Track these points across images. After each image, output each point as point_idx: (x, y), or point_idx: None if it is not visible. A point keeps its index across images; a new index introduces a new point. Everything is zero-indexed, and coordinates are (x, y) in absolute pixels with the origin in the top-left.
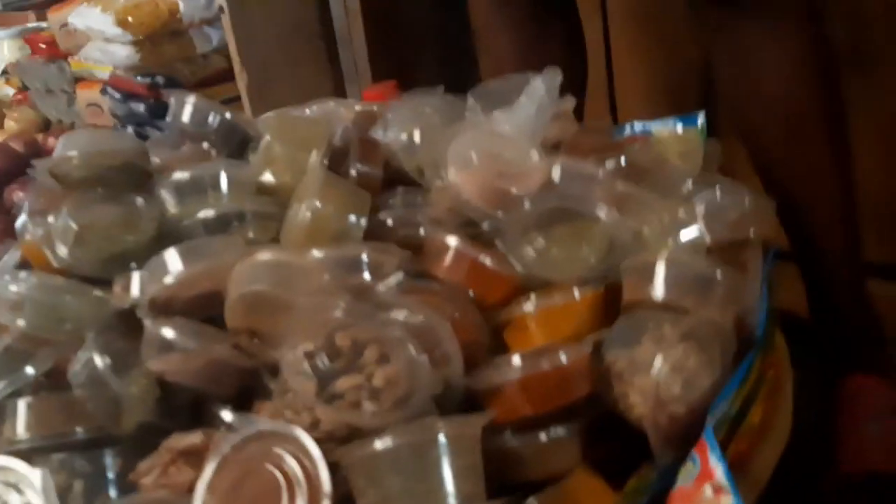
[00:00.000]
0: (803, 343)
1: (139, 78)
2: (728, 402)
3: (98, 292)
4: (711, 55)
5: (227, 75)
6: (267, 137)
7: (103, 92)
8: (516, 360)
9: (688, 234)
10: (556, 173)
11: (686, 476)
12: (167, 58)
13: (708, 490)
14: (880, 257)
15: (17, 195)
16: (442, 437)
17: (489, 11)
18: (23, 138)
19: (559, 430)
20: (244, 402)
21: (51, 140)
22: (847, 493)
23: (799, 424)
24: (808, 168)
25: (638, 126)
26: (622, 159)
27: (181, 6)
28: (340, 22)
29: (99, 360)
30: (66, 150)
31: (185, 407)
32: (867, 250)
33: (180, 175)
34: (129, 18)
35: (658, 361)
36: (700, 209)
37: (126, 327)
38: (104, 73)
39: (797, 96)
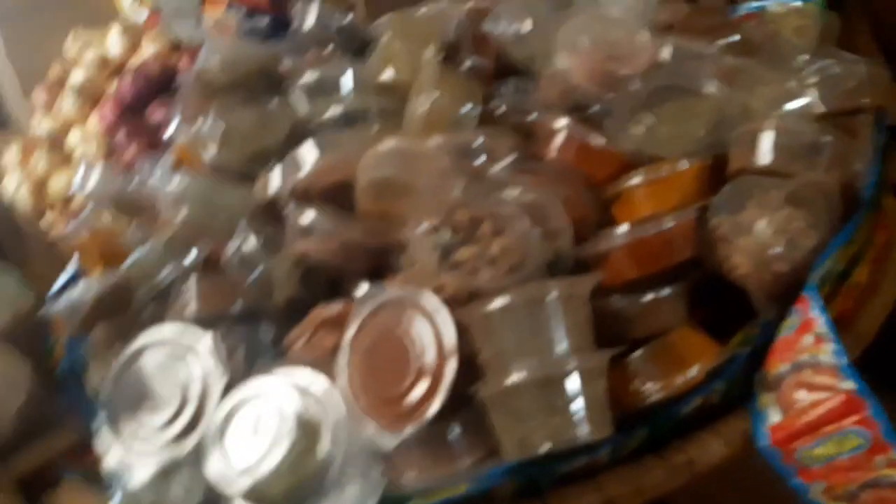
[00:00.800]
0: None
1: None
2: (832, 259)
3: (244, 188)
4: None
5: None
6: (386, 35)
7: (229, 8)
8: (623, 227)
9: (797, 103)
10: (665, 53)
11: (787, 328)
12: None
13: (808, 338)
14: None
15: (158, 114)
16: (553, 295)
17: None
18: (159, 60)
19: (664, 291)
20: (376, 278)
21: (183, 60)
22: None
23: None
24: None
25: (754, 4)
26: (735, 37)
27: None
28: None
29: (252, 242)
30: (209, 58)
31: (325, 283)
32: None
33: (309, 77)
34: None
35: (761, 223)
36: (812, 79)
37: (271, 217)
38: None
39: None
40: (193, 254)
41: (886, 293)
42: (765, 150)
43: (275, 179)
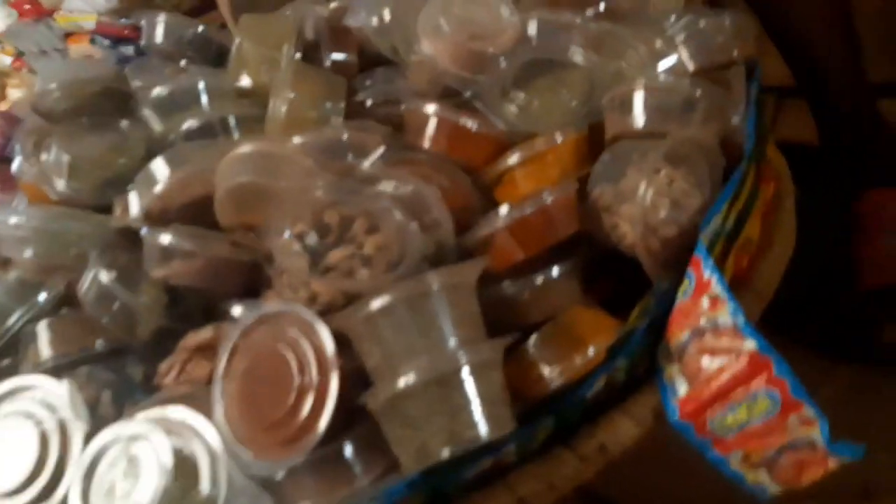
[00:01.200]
0: (816, 169)
1: (123, 21)
2: (720, 217)
3: (99, 217)
4: None
5: (210, 4)
6: (237, 40)
7: (93, 41)
8: (503, 209)
9: (667, 62)
10: (531, 28)
11: (683, 294)
12: None
13: (705, 302)
14: (882, 77)
15: None
16: (436, 287)
17: None
18: (26, 102)
19: (554, 271)
20: (252, 296)
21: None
22: (866, 307)
23: (815, 243)
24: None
25: None
26: (601, 5)
27: None
28: None
29: (105, 275)
30: (45, 83)
31: (195, 309)
32: (870, 72)
33: (160, 91)
34: None
35: (642, 187)
36: (680, 37)
37: (129, 244)
38: (91, 22)
39: None
40: (42, 295)
41: (781, 246)
42: (637, 112)
43: (133, 205)
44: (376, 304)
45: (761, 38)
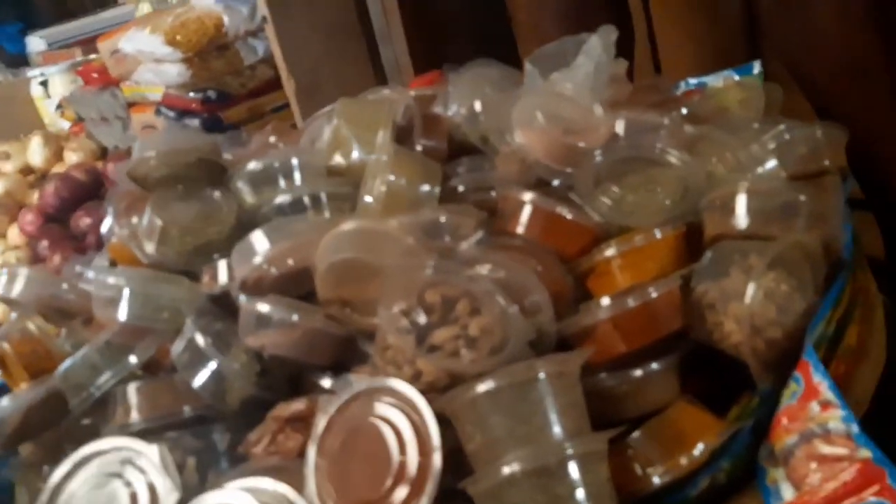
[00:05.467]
0: (883, 284)
1: (191, 94)
2: (824, 322)
3: (190, 283)
4: (762, 5)
5: (275, 84)
6: (335, 121)
7: (157, 112)
8: (605, 300)
9: (762, 167)
10: (620, 126)
11: (790, 396)
12: (216, 72)
13: (815, 407)
14: None
15: (84, 222)
16: (542, 375)
17: None
18: (83, 167)
19: (654, 365)
20: (341, 370)
21: (109, 167)
22: None
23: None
24: (871, 111)
25: (692, 81)
26: (683, 111)
27: (225, 20)
28: (379, 19)
29: (201, 339)
30: (143, 151)
31: (285, 379)
32: None
33: (254, 165)
34: (178, 37)
35: (751, 288)
36: (771, 145)
37: (220, 312)
38: (156, 94)
39: (858, 41)
40: (133, 357)
41: (875, 354)
42: (740, 213)
43: (221, 273)
44: (482, 387)
45: None
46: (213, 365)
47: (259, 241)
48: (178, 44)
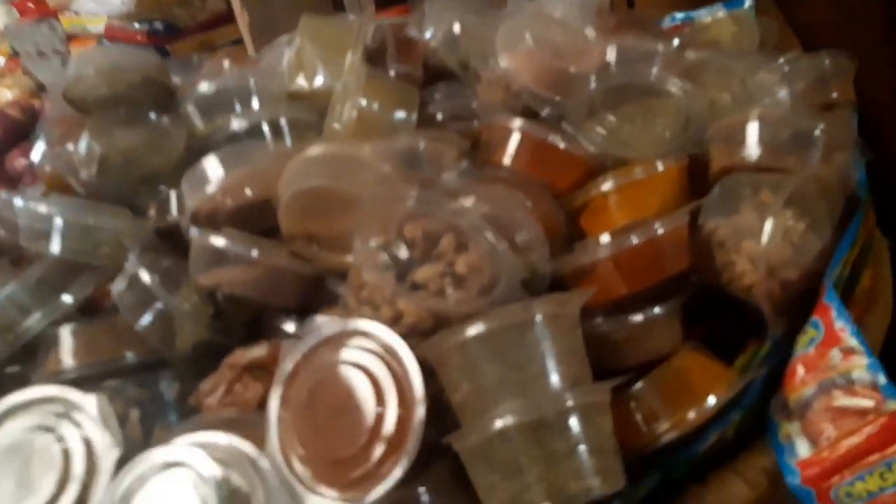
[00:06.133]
0: None
1: (136, 25)
2: (841, 263)
3: (134, 216)
4: None
5: (228, 17)
6: (297, 41)
7: (99, 45)
8: (605, 238)
9: (774, 95)
10: (612, 53)
11: (806, 344)
12: (163, 2)
13: (836, 354)
14: None
15: (20, 162)
16: (539, 318)
17: None
18: (18, 104)
19: (657, 310)
20: (307, 314)
21: (46, 104)
22: None
23: None
24: (861, 56)
25: (679, 15)
26: (675, 43)
27: None
28: None
29: (146, 276)
30: (80, 69)
31: (243, 322)
32: None
33: (206, 88)
34: None
35: (768, 226)
36: (777, 75)
37: (168, 248)
38: (98, 25)
39: None
40: (67, 296)
41: (885, 299)
42: (751, 144)
43: (172, 204)
44: (472, 330)
45: None
46: (159, 305)
47: (213, 167)
48: None
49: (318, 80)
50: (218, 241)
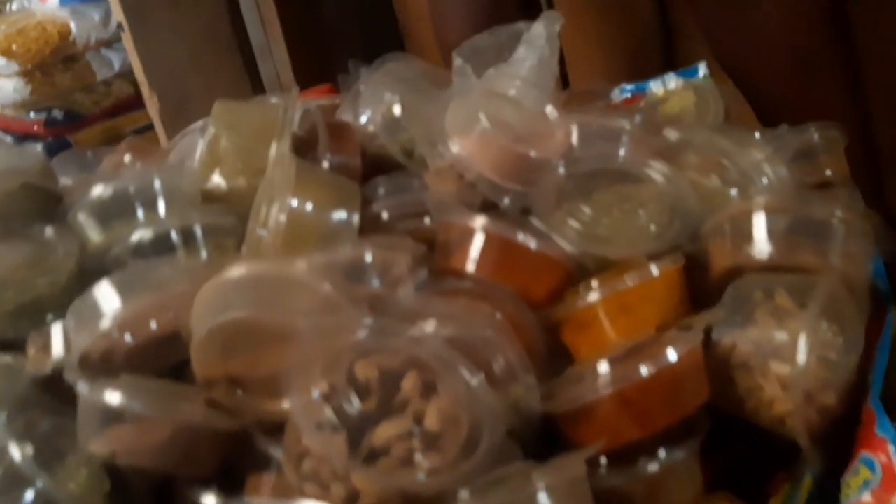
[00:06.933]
0: None
1: (33, 114)
2: (883, 380)
3: (6, 359)
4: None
5: (136, 101)
6: (211, 130)
7: None
8: (604, 366)
9: (773, 176)
10: (575, 134)
11: (859, 488)
12: (63, 88)
13: None
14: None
15: None
16: (542, 492)
17: None
18: None
19: (674, 454)
20: (231, 483)
21: None
22: None
23: None
24: (822, 113)
25: (629, 86)
26: (636, 118)
27: (73, 27)
28: (256, 30)
29: (17, 452)
30: None
31: (148, 498)
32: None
33: (101, 191)
34: (14, 46)
35: (802, 342)
36: (766, 149)
37: (52, 402)
38: None
39: (804, 38)
40: None
41: None
42: (759, 239)
43: (56, 342)
44: None
45: None
46: (37, 486)
47: (106, 296)
48: (13, 54)
49: (239, 176)
50: (112, 396)
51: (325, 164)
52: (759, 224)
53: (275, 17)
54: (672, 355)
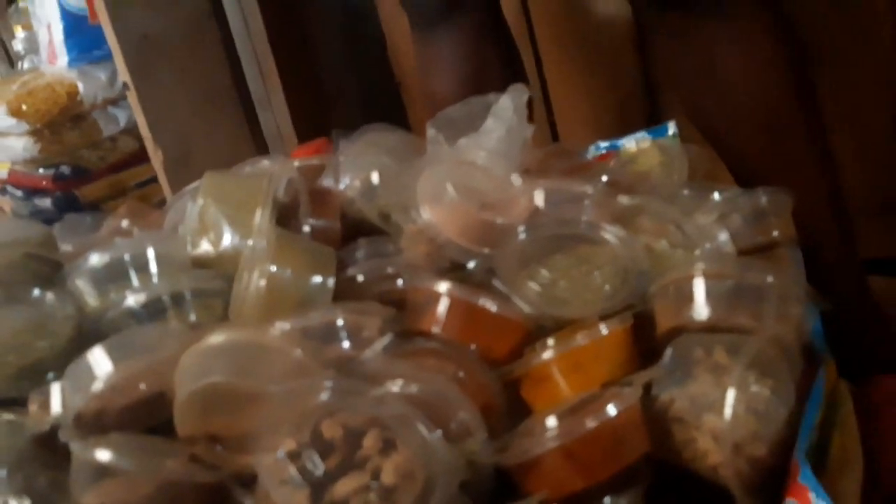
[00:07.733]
0: None
1: (41, 171)
2: (811, 431)
3: (8, 416)
4: (670, 63)
5: (141, 156)
6: (200, 201)
7: (2, 192)
8: (551, 420)
9: (714, 240)
10: (538, 198)
11: None
12: (70, 145)
13: None
14: (867, 253)
15: None
16: None
17: (422, 50)
18: None
19: (618, 502)
20: None
21: None
22: None
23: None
24: (791, 170)
25: (603, 143)
26: (602, 178)
27: (80, 87)
28: (256, 83)
29: None
30: None
31: None
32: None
33: (97, 258)
34: (24, 107)
35: (730, 396)
36: (715, 214)
37: (50, 457)
38: (2, 171)
39: (771, 97)
40: None
41: (853, 457)
42: (699, 302)
43: (55, 401)
44: None
45: None
46: None
47: (99, 360)
48: (23, 114)
49: (225, 243)
50: (101, 453)
51: (307, 228)
52: (700, 288)
53: (273, 69)
54: (612, 410)
